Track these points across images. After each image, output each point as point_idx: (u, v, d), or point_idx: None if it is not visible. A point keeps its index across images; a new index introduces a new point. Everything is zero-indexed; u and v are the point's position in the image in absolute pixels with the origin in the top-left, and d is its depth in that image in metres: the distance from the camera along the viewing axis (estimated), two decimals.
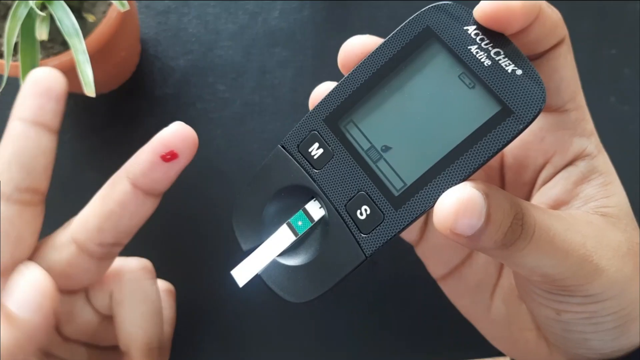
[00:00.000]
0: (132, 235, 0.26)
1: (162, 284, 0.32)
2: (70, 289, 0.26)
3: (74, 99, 0.38)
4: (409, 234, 0.29)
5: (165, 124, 0.37)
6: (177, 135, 0.25)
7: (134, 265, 0.28)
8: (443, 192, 0.19)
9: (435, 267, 0.29)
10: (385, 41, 0.22)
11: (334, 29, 0.39)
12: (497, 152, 0.19)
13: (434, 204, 0.19)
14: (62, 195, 0.37)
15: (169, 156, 0.24)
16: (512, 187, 0.27)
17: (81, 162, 0.37)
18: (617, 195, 0.23)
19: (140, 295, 0.27)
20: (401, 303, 0.35)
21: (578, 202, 0.23)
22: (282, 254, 0.23)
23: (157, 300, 0.28)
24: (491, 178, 0.27)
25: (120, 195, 0.24)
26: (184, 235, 0.36)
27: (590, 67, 0.38)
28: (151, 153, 0.24)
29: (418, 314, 0.35)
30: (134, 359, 0.26)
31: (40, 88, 0.23)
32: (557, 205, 0.24)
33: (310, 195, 0.22)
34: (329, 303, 0.35)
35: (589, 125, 0.23)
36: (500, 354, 0.30)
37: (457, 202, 0.18)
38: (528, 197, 0.26)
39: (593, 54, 0.38)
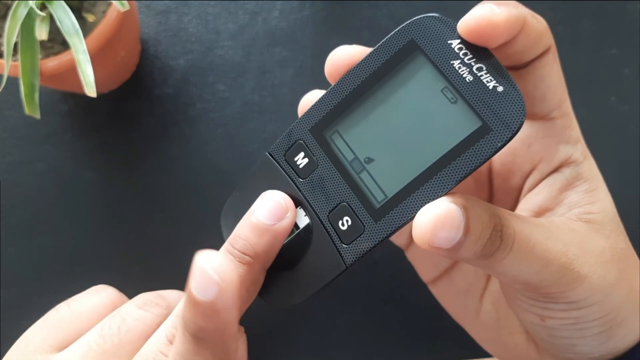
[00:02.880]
0: None
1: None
2: None
3: (74, 99, 0.38)
4: (399, 239, 0.30)
5: (165, 124, 0.38)
6: None
7: None
8: (422, 206, 0.19)
9: (425, 271, 0.29)
10: (370, 52, 0.22)
11: (334, 29, 0.39)
12: (476, 168, 0.19)
13: (413, 217, 0.19)
14: (62, 194, 0.37)
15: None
16: (500, 193, 0.27)
17: (81, 162, 0.37)
18: (602, 201, 0.23)
19: None
20: (401, 303, 0.35)
21: (562, 208, 0.23)
22: None
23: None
24: (480, 184, 0.27)
25: None
26: (183, 235, 0.36)
27: (590, 67, 0.38)
28: None
29: (418, 314, 0.35)
30: None
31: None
32: (542, 211, 0.24)
33: (296, 203, 0.23)
34: (329, 302, 0.35)
35: (575, 132, 0.24)
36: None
37: (435, 218, 0.18)
38: (516, 203, 0.26)
39: (593, 54, 0.38)
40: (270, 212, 0.22)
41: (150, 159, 0.37)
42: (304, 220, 0.22)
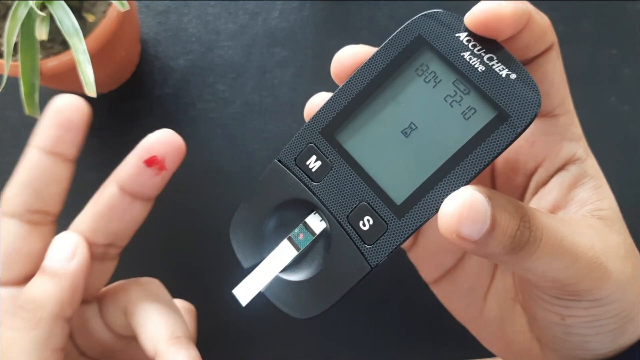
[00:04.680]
0: (127, 238, 0.27)
1: (181, 303, 0.31)
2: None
3: None
4: None
5: (165, 124, 0.38)
6: (160, 141, 0.25)
7: (142, 280, 0.28)
8: (446, 197, 0.19)
9: (428, 270, 0.29)
10: (377, 51, 0.22)
11: (334, 29, 0.39)
12: (496, 157, 0.19)
13: (438, 210, 0.19)
14: None
15: (152, 162, 0.25)
16: (503, 191, 0.27)
17: (81, 162, 0.37)
18: (609, 198, 0.23)
19: (152, 297, 0.26)
20: (401, 303, 0.35)
21: (574, 206, 0.23)
22: (285, 269, 0.22)
23: (170, 300, 0.27)
24: (482, 182, 0.27)
25: (108, 198, 0.26)
26: (183, 235, 0.36)
27: (590, 67, 0.38)
28: (136, 158, 0.25)
29: (418, 314, 0.35)
30: (163, 351, 0.24)
31: (61, 118, 0.25)
32: (554, 210, 0.24)
33: (310, 209, 0.22)
34: None
35: (578, 129, 0.24)
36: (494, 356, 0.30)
37: (461, 205, 0.18)
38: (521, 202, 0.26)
39: (593, 54, 0.38)
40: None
41: None
42: (320, 226, 0.22)
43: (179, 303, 0.30)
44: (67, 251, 0.24)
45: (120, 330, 0.27)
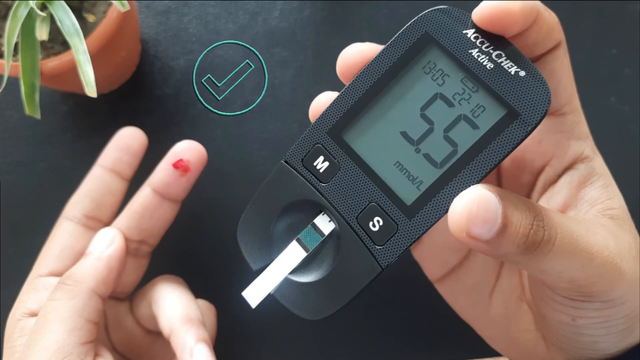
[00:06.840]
0: (158, 237, 0.31)
1: (202, 303, 0.33)
2: (115, 290, 0.29)
3: (75, 99, 0.38)
4: None
5: (165, 124, 0.38)
6: (186, 148, 0.30)
7: (165, 275, 0.32)
8: (456, 196, 0.18)
9: (433, 269, 0.29)
10: (384, 49, 0.21)
11: (334, 29, 0.39)
12: (506, 156, 0.19)
13: (448, 209, 0.18)
14: (62, 194, 0.37)
15: (179, 164, 0.30)
16: (509, 189, 0.27)
17: (81, 162, 0.37)
18: (618, 197, 0.23)
19: (172, 287, 0.30)
20: (401, 303, 0.35)
21: (584, 205, 0.23)
22: (294, 270, 0.22)
23: (189, 292, 0.30)
24: (488, 181, 0.27)
25: (141, 199, 0.30)
26: (183, 235, 0.36)
27: (590, 67, 0.38)
28: (165, 163, 0.30)
29: (418, 315, 0.35)
30: (177, 329, 0.27)
31: (122, 144, 0.30)
32: (564, 209, 0.24)
33: (318, 210, 0.22)
34: None
35: (585, 128, 0.24)
36: (498, 355, 0.30)
37: (470, 203, 0.18)
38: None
39: (593, 54, 0.38)
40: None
41: (150, 159, 0.37)
42: (329, 227, 0.22)
43: (200, 302, 0.32)
44: (106, 240, 0.28)
45: (146, 323, 0.30)
